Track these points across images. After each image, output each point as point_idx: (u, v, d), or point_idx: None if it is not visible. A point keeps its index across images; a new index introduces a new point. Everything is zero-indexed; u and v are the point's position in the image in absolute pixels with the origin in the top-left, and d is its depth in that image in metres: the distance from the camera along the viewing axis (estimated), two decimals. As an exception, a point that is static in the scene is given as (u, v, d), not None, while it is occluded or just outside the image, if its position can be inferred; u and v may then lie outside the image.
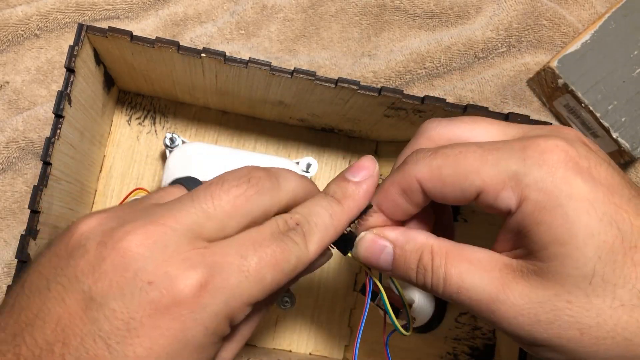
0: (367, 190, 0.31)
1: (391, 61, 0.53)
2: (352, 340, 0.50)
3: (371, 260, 0.32)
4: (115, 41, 0.38)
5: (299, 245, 0.28)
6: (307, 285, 0.50)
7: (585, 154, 0.27)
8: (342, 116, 0.46)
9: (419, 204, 0.31)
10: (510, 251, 0.29)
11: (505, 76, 0.54)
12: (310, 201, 0.31)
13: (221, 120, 0.51)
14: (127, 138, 0.50)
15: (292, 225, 0.29)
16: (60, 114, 0.37)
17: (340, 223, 0.31)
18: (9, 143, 0.48)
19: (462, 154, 0.28)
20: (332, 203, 0.31)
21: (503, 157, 0.28)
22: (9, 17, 0.50)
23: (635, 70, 0.51)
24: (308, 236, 0.29)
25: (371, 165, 0.32)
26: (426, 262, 0.29)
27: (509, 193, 0.27)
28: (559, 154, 0.27)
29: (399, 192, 0.30)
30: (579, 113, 0.52)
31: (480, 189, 0.28)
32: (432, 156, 0.29)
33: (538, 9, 0.54)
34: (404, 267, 0.30)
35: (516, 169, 0.27)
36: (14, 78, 0.50)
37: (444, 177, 0.29)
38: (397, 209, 0.31)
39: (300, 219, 0.29)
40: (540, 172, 0.27)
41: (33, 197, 0.36)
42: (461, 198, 0.29)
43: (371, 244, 0.31)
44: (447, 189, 0.29)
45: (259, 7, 0.53)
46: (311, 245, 0.29)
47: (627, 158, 0.51)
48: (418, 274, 0.30)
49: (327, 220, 0.30)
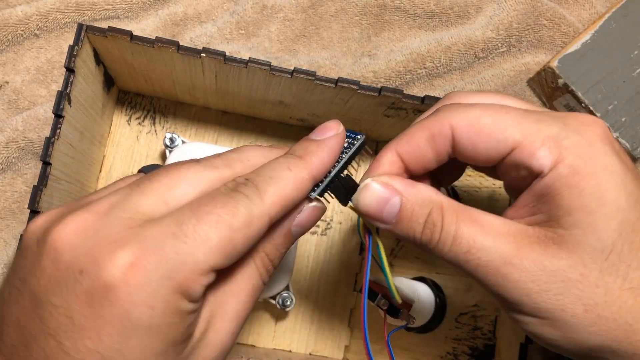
0: (332, 148, 0.29)
1: (391, 61, 0.53)
2: (352, 340, 0.50)
3: (373, 211, 0.29)
4: (115, 41, 0.38)
5: (248, 197, 0.26)
6: (307, 285, 0.50)
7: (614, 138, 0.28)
8: (342, 116, 0.46)
9: (442, 156, 0.30)
10: (526, 217, 0.28)
11: (505, 76, 0.54)
12: (268, 162, 0.28)
13: (221, 120, 0.51)
14: (127, 138, 0.50)
15: (241, 181, 0.27)
16: (60, 114, 0.37)
17: (301, 175, 0.28)
18: (9, 143, 0.48)
19: (503, 109, 0.28)
20: (290, 158, 0.28)
21: (544, 119, 0.28)
22: (9, 17, 0.50)
23: (635, 70, 0.51)
24: (261, 187, 0.26)
25: (335, 125, 0.30)
26: (436, 218, 0.28)
27: (546, 152, 0.27)
28: (597, 128, 0.27)
29: (426, 137, 0.29)
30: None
31: (518, 143, 0.27)
32: (471, 106, 0.29)
33: (538, 9, 0.54)
34: (409, 221, 0.29)
35: (557, 131, 0.27)
36: (14, 78, 0.50)
37: (481, 125, 0.28)
38: (417, 155, 0.30)
39: (251, 175, 0.27)
40: (580, 138, 0.27)
41: (32, 197, 0.36)
42: (493, 153, 0.28)
43: (377, 193, 0.29)
44: (481, 139, 0.28)
45: (259, 7, 0.53)
46: (267, 196, 0.26)
47: (627, 158, 0.51)
48: (425, 229, 0.28)
49: (285, 173, 0.27)
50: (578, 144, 0.27)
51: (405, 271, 0.49)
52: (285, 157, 0.28)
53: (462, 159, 0.30)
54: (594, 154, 0.27)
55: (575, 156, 0.26)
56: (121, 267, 0.23)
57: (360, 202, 0.29)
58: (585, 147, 0.27)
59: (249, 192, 0.26)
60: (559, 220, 0.27)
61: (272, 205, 0.26)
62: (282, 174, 0.27)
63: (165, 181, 0.26)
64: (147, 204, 0.25)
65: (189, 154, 0.46)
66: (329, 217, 0.51)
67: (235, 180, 0.27)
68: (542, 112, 0.28)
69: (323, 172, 0.29)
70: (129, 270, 0.23)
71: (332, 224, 0.51)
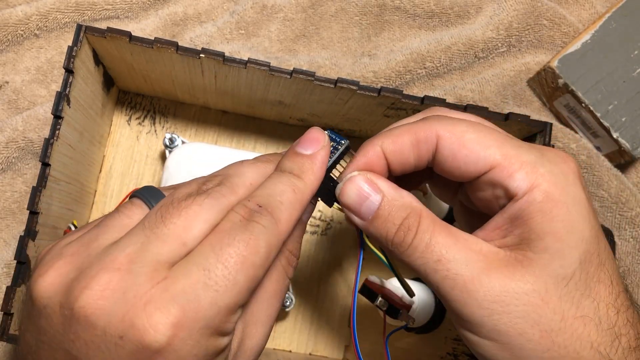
0: (323, 162, 0.30)
1: (391, 61, 0.53)
2: (352, 340, 0.50)
3: (353, 204, 0.30)
4: (114, 42, 0.38)
5: (266, 227, 0.26)
6: (307, 285, 0.50)
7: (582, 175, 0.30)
8: (342, 116, 0.46)
9: (422, 162, 0.30)
10: (497, 240, 0.29)
11: (505, 76, 0.54)
12: (268, 181, 0.29)
13: (221, 120, 0.50)
14: (127, 138, 0.50)
15: (255, 208, 0.27)
16: (59, 115, 0.37)
17: (304, 197, 0.29)
18: (9, 143, 0.48)
19: (487, 129, 0.30)
20: (292, 179, 0.29)
21: (523, 146, 0.29)
22: (9, 17, 0.50)
23: (635, 70, 0.51)
24: (276, 214, 0.27)
25: (321, 136, 0.30)
26: (411, 223, 0.29)
27: (523, 175, 0.28)
28: (571, 163, 0.29)
29: (411, 141, 0.30)
30: (579, 113, 0.52)
31: (497, 162, 0.28)
32: (458, 121, 0.30)
33: (538, 9, 0.54)
34: (385, 221, 0.29)
35: (535, 158, 0.28)
36: (14, 78, 0.50)
37: (465, 140, 0.29)
38: (400, 157, 0.31)
39: (262, 200, 0.28)
40: (555, 168, 0.28)
41: (32, 198, 0.36)
42: (472, 168, 0.29)
43: (360, 188, 0.30)
44: (462, 153, 0.29)
45: (259, 7, 0.53)
46: (281, 223, 0.27)
47: (627, 158, 0.51)
48: (399, 231, 0.29)
49: (292, 196, 0.28)
50: (553, 173, 0.28)
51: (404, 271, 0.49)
52: (287, 177, 0.29)
53: (438, 170, 0.31)
54: (567, 184, 0.28)
55: (550, 184, 0.28)
56: (163, 331, 0.23)
57: (342, 193, 0.30)
58: (559, 177, 0.28)
59: (266, 223, 0.26)
60: (530, 244, 0.27)
61: (286, 230, 0.28)
62: (290, 197, 0.28)
63: (179, 223, 0.26)
64: (167, 251, 0.25)
65: (188, 154, 0.46)
66: (329, 217, 0.51)
67: (248, 206, 0.27)
68: (520, 141, 0.30)
69: (318, 186, 0.30)
70: (171, 332, 0.23)
71: (332, 224, 0.51)
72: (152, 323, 0.23)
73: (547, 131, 0.42)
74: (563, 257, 0.27)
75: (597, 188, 0.51)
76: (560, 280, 0.27)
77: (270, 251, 0.26)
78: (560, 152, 0.30)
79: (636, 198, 0.51)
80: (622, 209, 0.51)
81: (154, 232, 0.25)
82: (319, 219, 0.50)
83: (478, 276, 0.27)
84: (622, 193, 0.51)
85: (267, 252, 0.26)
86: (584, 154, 0.51)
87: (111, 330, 0.23)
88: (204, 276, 0.24)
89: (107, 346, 0.23)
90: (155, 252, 0.25)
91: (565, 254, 0.27)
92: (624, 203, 0.51)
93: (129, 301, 0.24)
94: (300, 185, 0.29)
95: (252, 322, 0.28)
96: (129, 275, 0.24)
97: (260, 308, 0.28)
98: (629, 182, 0.52)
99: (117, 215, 0.28)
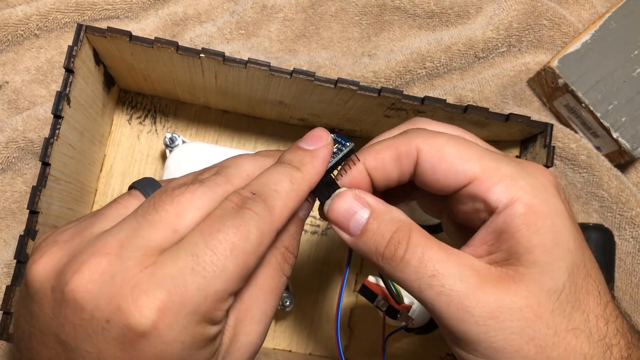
0: (324, 159, 0.30)
1: (391, 61, 0.53)
2: (352, 340, 0.50)
3: (341, 219, 0.30)
4: (115, 41, 0.38)
5: (258, 214, 0.26)
6: (307, 285, 0.50)
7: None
8: (343, 116, 0.46)
9: (404, 176, 0.31)
10: (486, 257, 0.29)
11: (505, 76, 0.54)
12: (266, 171, 0.29)
13: (221, 120, 0.51)
14: (127, 137, 0.50)
15: (248, 195, 0.27)
16: (59, 115, 0.37)
17: (301, 188, 0.28)
18: (9, 143, 0.48)
19: (467, 142, 0.30)
20: (290, 170, 0.29)
21: (503, 159, 0.29)
22: (9, 17, 0.50)
23: (635, 70, 0.51)
24: (269, 202, 0.27)
25: (325, 135, 0.30)
26: (402, 237, 0.28)
27: (502, 188, 0.28)
28: (550, 176, 0.29)
29: (392, 156, 0.30)
30: (579, 113, 0.52)
31: (477, 176, 0.28)
32: (438, 134, 0.30)
33: (538, 9, 0.54)
34: (374, 235, 0.29)
35: (514, 171, 0.28)
36: (14, 78, 0.50)
37: (445, 154, 0.29)
38: (382, 172, 0.31)
39: (256, 187, 0.27)
40: (535, 181, 0.28)
41: (32, 198, 0.36)
42: (451, 182, 0.29)
43: (348, 203, 0.30)
44: (442, 167, 0.29)
45: (259, 7, 0.53)
46: (275, 211, 0.27)
47: (627, 158, 0.51)
48: (389, 245, 0.28)
49: (288, 186, 0.28)
50: (533, 186, 0.28)
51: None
52: (285, 169, 0.29)
53: (419, 183, 0.31)
54: (548, 197, 0.28)
55: (531, 196, 0.28)
56: (148, 315, 0.23)
57: (330, 210, 0.30)
58: (540, 189, 0.28)
59: (258, 209, 0.26)
60: (520, 258, 0.27)
61: (280, 219, 0.27)
62: (286, 187, 0.28)
63: (172, 210, 0.26)
64: (158, 237, 0.25)
65: (189, 153, 0.46)
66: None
67: (241, 194, 0.27)
68: (500, 153, 0.30)
69: (317, 182, 0.30)
70: (156, 315, 0.23)
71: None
72: (138, 307, 0.23)
73: (547, 132, 0.42)
74: (553, 270, 0.27)
75: (597, 188, 0.51)
76: (552, 293, 0.27)
77: (262, 239, 0.26)
78: (538, 165, 0.30)
79: (636, 198, 0.51)
80: (622, 209, 0.51)
81: (146, 218, 0.25)
82: (319, 219, 0.50)
83: (473, 292, 0.27)
84: (622, 193, 0.51)
85: (258, 239, 0.26)
86: (584, 154, 0.51)
87: (98, 314, 0.23)
88: (191, 262, 0.24)
89: (95, 330, 0.23)
90: (146, 237, 0.25)
91: (554, 267, 0.27)
92: (624, 203, 0.51)
93: (117, 285, 0.24)
94: (298, 176, 0.29)
95: (246, 318, 0.28)
96: (118, 260, 0.24)
97: (255, 304, 0.28)
98: (629, 182, 0.52)
99: (114, 204, 0.28)
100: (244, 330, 0.28)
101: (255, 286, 0.28)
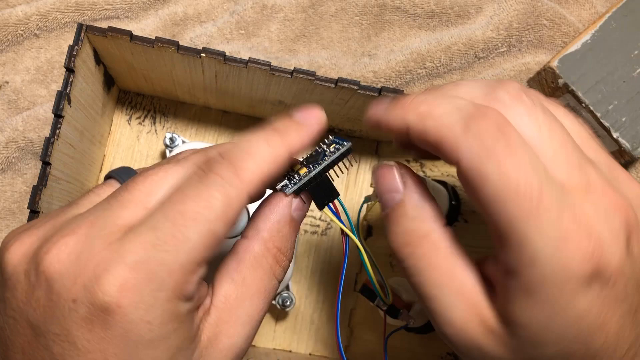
0: (312, 131, 0.28)
1: (391, 61, 0.53)
2: (352, 340, 0.50)
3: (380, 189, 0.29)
4: (115, 41, 0.38)
5: (224, 178, 0.24)
6: (307, 285, 0.50)
7: None
8: (343, 116, 0.46)
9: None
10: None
11: (505, 76, 0.54)
12: (244, 136, 0.27)
13: (221, 120, 0.50)
14: (127, 138, 0.50)
15: (215, 158, 0.25)
16: (60, 114, 0.37)
17: (278, 152, 0.26)
18: (9, 143, 0.48)
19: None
20: (270, 133, 0.27)
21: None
22: (9, 17, 0.50)
23: (635, 70, 0.51)
24: (238, 163, 0.25)
25: (320, 113, 0.29)
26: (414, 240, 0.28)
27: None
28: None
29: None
30: (580, 113, 0.52)
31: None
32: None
33: (538, 9, 0.54)
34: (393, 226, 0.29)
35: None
36: (14, 78, 0.50)
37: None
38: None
39: (227, 149, 0.25)
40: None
41: (32, 197, 0.36)
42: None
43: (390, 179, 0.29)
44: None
45: (259, 7, 0.53)
46: (244, 173, 0.25)
47: (628, 158, 0.51)
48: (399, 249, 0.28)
49: (263, 148, 0.26)
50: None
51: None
52: (265, 132, 0.27)
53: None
54: None
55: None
56: (111, 293, 0.22)
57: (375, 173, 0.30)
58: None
59: (223, 172, 0.24)
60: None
61: (250, 183, 0.25)
62: (260, 148, 0.26)
63: (143, 188, 0.25)
64: (127, 215, 0.24)
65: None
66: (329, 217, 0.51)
67: (208, 156, 0.25)
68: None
69: (300, 152, 0.28)
70: (119, 293, 0.22)
71: (332, 224, 0.51)
72: (100, 285, 0.23)
73: (547, 131, 0.42)
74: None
75: (597, 188, 0.51)
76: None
77: (229, 205, 0.24)
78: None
79: (636, 198, 0.51)
80: (622, 209, 0.51)
81: (117, 199, 0.25)
82: (319, 219, 0.50)
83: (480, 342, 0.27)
84: (622, 193, 0.51)
85: (224, 205, 0.24)
86: (584, 154, 0.51)
87: (65, 294, 0.23)
88: (152, 236, 0.23)
89: (62, 311, 0.23)
90: (115, 216, 0.24)
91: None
92: (624, 203, 0.51)
93: (82, 264, 0.23)
94: (277, 139, 0.27)
95: (230, 319, 0.26)
96: (85, 239, 0.24)
97: (240, 305, 0.27)
98: (629, 182, 0.52)
99: (88, 194, 0.28)
100: (227, 332, 0.26)
101: (243, 286, 0.27)
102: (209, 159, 0.25)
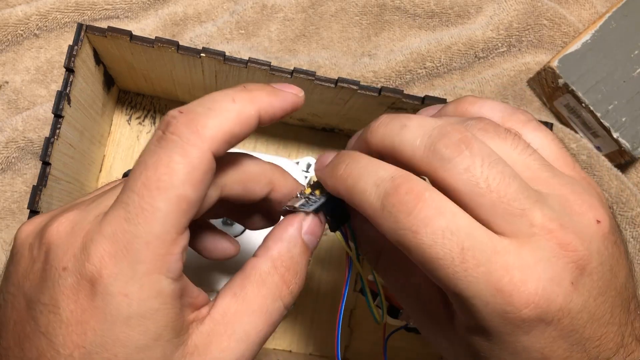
0: (285, 98, 0.27)
1: (391, 61, 0.53)
2: (352, 340, 0.50)
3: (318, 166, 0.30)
4: (115, 41, 0.38)
5: (182, 138, 0.23)
6: (307, 285, 0.50)
7: None
8: (343, 116, 0.46)
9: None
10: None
11: (505, 76, 0.54)
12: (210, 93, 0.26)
13: (221, 120, 0.50)
14: (127, 138, 0.50)
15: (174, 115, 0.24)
16: (60, 114, 0.37)
17: (244, 109, 0.25)
18: (9, 143, 0.48)
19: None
20: (237, 89, 0.25)
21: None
22: (9, 17, 0.50)
23: (635, 70, 0.51)
24: (198, 120, 0.23)
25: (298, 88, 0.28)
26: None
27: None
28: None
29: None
30: (580, 113, 0.52)
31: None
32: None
33: (538, 9, 0.54)
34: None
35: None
36: (14, 78, 0.50)
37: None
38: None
39: (187, 107, 0.24)
40: None
41: (32, 197, 0.36)
42: None
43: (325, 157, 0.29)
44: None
45: (259, 6, 0.53)
46: (206, 130, 0.23)
47: (628, 158, 0.51)
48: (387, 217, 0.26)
49: (228, 104, 0.24)
50: None
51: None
52: (233, 89, 0.26)
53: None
54: None
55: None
56: (94, 262, 0.23)
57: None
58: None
59: (181, 130, 0.23)
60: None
61: (213, 141, 0.24)
62: (225, 105, 0.25)
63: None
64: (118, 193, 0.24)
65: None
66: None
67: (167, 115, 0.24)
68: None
69: (271, 115, 0.26)
70: (100, 263, 0.23)
71: (332, 224, 0.51)
72: (87, 254, 0.23)
73: (547, 131, 0.42)
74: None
75: (597, 188, 0.51)
76: None
77: (193, 166, 0.23)
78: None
79: (636, 198, 0.51)
80: (622, 209, 0.51)
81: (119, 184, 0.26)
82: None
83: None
84: (622, 193, 0.51)
85: (186, 167, 0.23)
86: (584, 154, 0.51)
87: (56, 263, 0.23)
88: (123, 211, 0.23)
89: (52, 279, 0.23)
90: (113, 194, 0.25)
91: None
92: (624, 203, 0.51)
93: (75, 234, 0.24)
94: (245, 97, 0.25)
95: (225, 332, 0.25)
96: (83, 213, 0.25)
97: (238, 321, 0.26)
98: (629, 182, 0.52)
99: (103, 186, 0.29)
100: (219, 345, 0.25)
101: (244, 302, 0.26)
102: (168, 118, 0.24)
